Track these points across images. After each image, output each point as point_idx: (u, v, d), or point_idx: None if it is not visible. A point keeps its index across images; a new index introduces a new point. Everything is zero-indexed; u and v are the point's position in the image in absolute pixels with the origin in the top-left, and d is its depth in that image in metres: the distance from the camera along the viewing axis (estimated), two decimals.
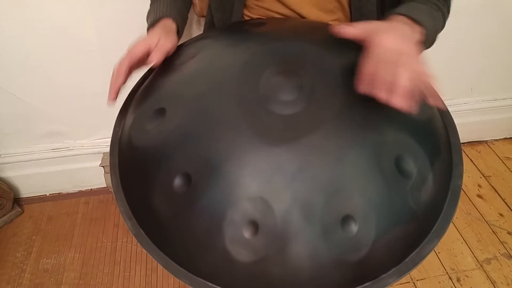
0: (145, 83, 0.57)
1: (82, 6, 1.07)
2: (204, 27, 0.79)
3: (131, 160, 0.49)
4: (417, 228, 0.43)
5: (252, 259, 0.40)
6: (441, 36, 0.71)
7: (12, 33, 1.08)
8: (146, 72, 0.60)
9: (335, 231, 0.40)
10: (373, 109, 0.45)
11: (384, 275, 0.41)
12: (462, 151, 0.51)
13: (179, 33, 0.63)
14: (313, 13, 0.66)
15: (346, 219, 0.40)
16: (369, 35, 0.43)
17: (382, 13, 0.66)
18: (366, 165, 0.42)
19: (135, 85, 0.58)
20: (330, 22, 0.67)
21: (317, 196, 0.40)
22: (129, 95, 0.57)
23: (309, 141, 0.42)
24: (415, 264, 0.42)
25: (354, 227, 0.40)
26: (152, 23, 0.62)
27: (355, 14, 0.65)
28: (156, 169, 0.45)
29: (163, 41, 0.55)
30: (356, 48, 0.56)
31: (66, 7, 1.06)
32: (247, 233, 0.40)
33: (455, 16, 1.32)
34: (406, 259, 0.42)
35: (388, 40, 0.41)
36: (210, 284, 0.41)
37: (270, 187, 0.40)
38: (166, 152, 0.45)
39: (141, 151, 0.48)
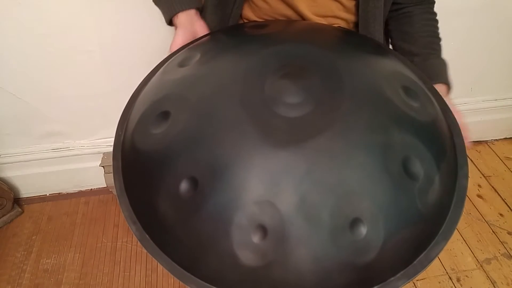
0: (147, 86, 0.56)
1: (82, 6, 1.07)
2: None
3: (135, 164, 0.49)
4: (425, 230, 0.43)
5: (260, 263, 0.40)
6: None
7: (12, 33, 1.08)
8: (147, 75, 0.59)
9: (344, 234, 0.39)
10: (379, 111, 0.45)
11: (392, 278, 0.41)
12: None
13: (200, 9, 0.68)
14: (313, 18, 0.66)
15: (354, 222, 0.39)
16: None
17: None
18: (373, 167, 0.42)
19: (137, 88, 0.58)
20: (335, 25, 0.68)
21: (325, 199, 0.40)
22: (131, 97, 0.57)
23: (317, 144, 0.42)
24: (423, 266, 0.42)
25: (363, 230, 0.39)
26: (170, 17, 0.66)
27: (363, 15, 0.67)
28: (161, 173, 0.44)
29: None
30: (361, 50, 0.56)
31: (66, 7, 1.06)
32: (255, 238, 0.39)
33: (455, 16, 1.32)
34: (415, 261, 0.42)
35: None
36: None
37: (277, 191, 0.40)
38: (171, 156, 0.44)
39: (145, 155, 0.47)
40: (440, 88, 0.65)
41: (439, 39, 0.72)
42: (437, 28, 0.72)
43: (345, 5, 0.66)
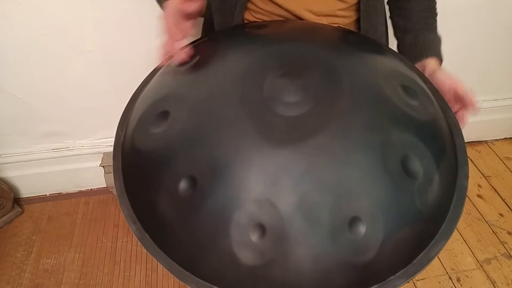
0: (147, 86, 0.57)
1: (82, 6, 1.07)
2: (202, 28, 0.79)
3: (135, 164, 0.49)
4: (424, 229, 0.43)
5: (258, 262, 0.40)
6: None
7: (12, 33, 1.08)
8: (148, 75, 0.60)
9: (343, 233, 0.39)
10: (378, 110, 0.45)
11: (392, 277, 0.41)
12: None
13: None
14: (312, 19, 0.67)
15: (353, 221, 0.40)
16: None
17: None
18: (372, 166, 0.42)
19: (137, 88, 0.58)
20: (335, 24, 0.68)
21: (324, 198, 0.40)
22: (131, 98, 0.57)
23: (315, 143, 0.42)
24: (423, 265, 0.42)
25: (361, 229, 0.39)
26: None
27: (364, 12, 0.67)
28: (161, 173, 0.44)
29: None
30: (360, 49, 0.56)
31: (66, 7, 1.06)
32: (253, 236, 0.39)
33: (455, 16, 1.32)
34: (414, 261, 0.42)
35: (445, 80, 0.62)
36: (216, 287, 0.41)
37: (276, 189, 0.40)
38: (170, 155, 0.44)
39: (145, 155, 0.47)
40: (431, 61, 0.65)
41: (435, 14, 0.70)
42: (434, 3, 0.71)
43: (346, 0, 0.66)
